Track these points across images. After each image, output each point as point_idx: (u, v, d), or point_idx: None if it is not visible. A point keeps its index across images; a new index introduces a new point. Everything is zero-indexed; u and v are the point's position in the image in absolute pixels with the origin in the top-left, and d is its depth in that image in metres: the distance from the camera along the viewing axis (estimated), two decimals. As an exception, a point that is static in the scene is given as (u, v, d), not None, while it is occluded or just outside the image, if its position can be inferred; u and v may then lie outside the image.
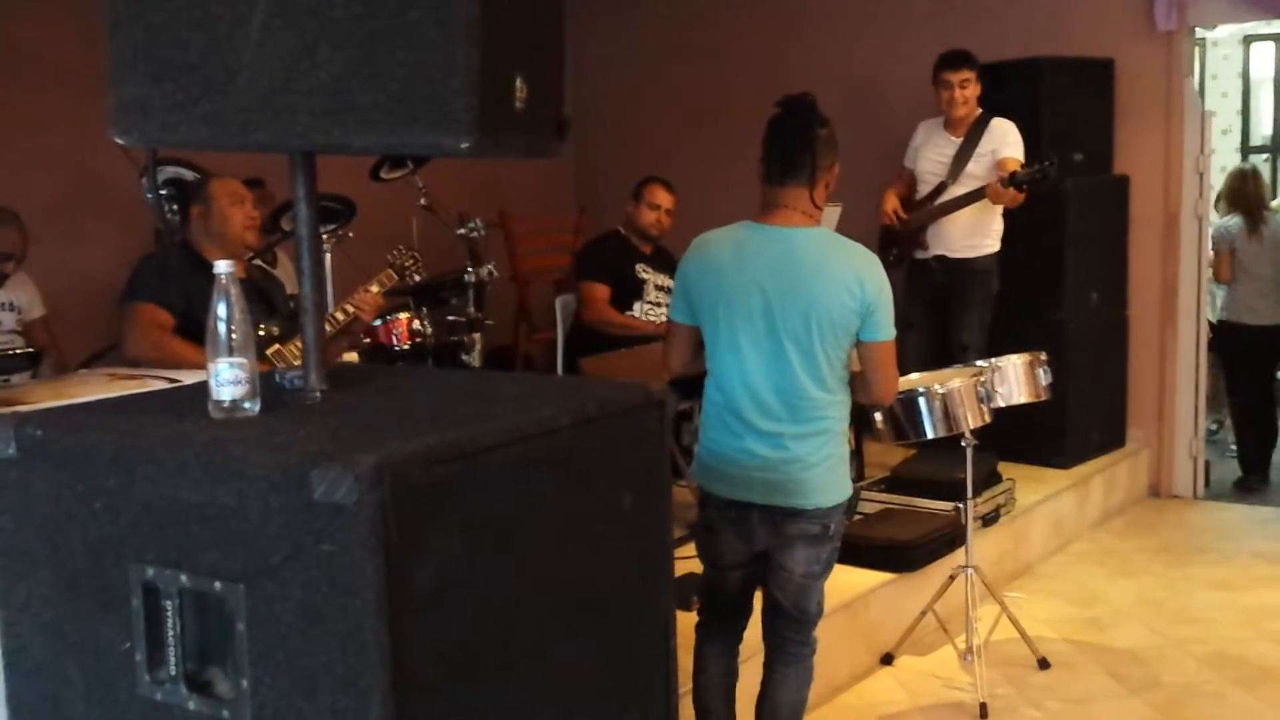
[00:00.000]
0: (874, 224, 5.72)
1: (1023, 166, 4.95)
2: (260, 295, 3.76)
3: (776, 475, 2.87)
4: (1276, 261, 6.23)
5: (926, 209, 5.28)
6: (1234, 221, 6.32)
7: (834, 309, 2.82)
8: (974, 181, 5.18)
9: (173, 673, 1.63)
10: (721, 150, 6.07)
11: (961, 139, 5.24)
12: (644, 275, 5.09)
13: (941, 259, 5.28)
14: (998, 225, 5.26)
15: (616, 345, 4.78)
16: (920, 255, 5.35)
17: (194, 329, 3.34)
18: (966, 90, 5.19)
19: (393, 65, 1.62)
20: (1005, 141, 5.17)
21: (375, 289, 4.13)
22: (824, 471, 2.90)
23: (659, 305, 5.06)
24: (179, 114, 1.71)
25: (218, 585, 1.58)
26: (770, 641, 3.08)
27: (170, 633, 1.63)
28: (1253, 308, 6.24)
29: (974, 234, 5.25)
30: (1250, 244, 6.24)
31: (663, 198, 5.12)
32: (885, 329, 2.89)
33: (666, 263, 5.03)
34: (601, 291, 5.04)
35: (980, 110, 5.26)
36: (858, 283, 2.82)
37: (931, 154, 5.33)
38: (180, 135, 1.74)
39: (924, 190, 5.36)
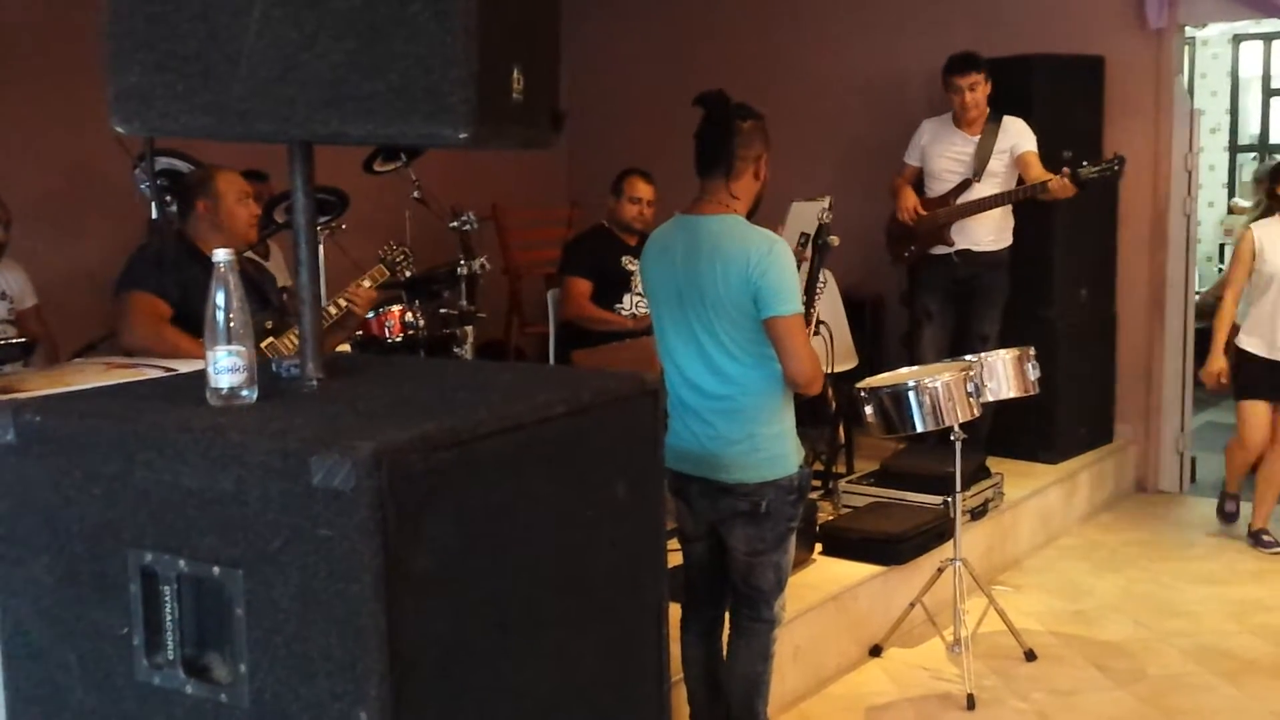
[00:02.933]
0: (869, 219, 5.75)
1: (1083, 165, 5.00)
2: (253, 288, 3.77)
3: (704, 450, 3.02)
4: None
5: (955, 206, 5.32)
6: None
7: (724, 289, 2.92)
8: (996, 178, 5.27)
9: (171, 657, 1.64)
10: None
11: (978, 136, 5.30)
12: (630, 267, 5.07)
13: (965, 253, 5.35)
14: (1013, 220, 5.39)
15: (607, 339, 4.79)
16: (939, 250, 5.39)
17: (190, 321, 3.35)
18: (977, 93, 5.25)
19: (392, 56, 1.63)
20: (1023, 136, 5.25)
21: (367, 284, 4.14)
22: (747, 449, 2.99)
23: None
24: (179, 103, 1.73)
25: (216, 570, 1.59)
26: (731, 617, 3.21)
27: (168, 618, 1.64)
28: None
29: (998, 229, 5.37)
30: None
31: (642, 190, 5.07)
32: (777, 304, 2.90)
33: None
34: (582, 286, 5.02)
35: (989, 108, 5.32)
36: (745, 262, 2.90)
37: (947, 151, 5.37)
38: (180, 124, 1.75)
39: (942, 188, 5.39)
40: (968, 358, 4.11)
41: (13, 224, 4.55)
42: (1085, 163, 5.03)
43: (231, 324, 1.74)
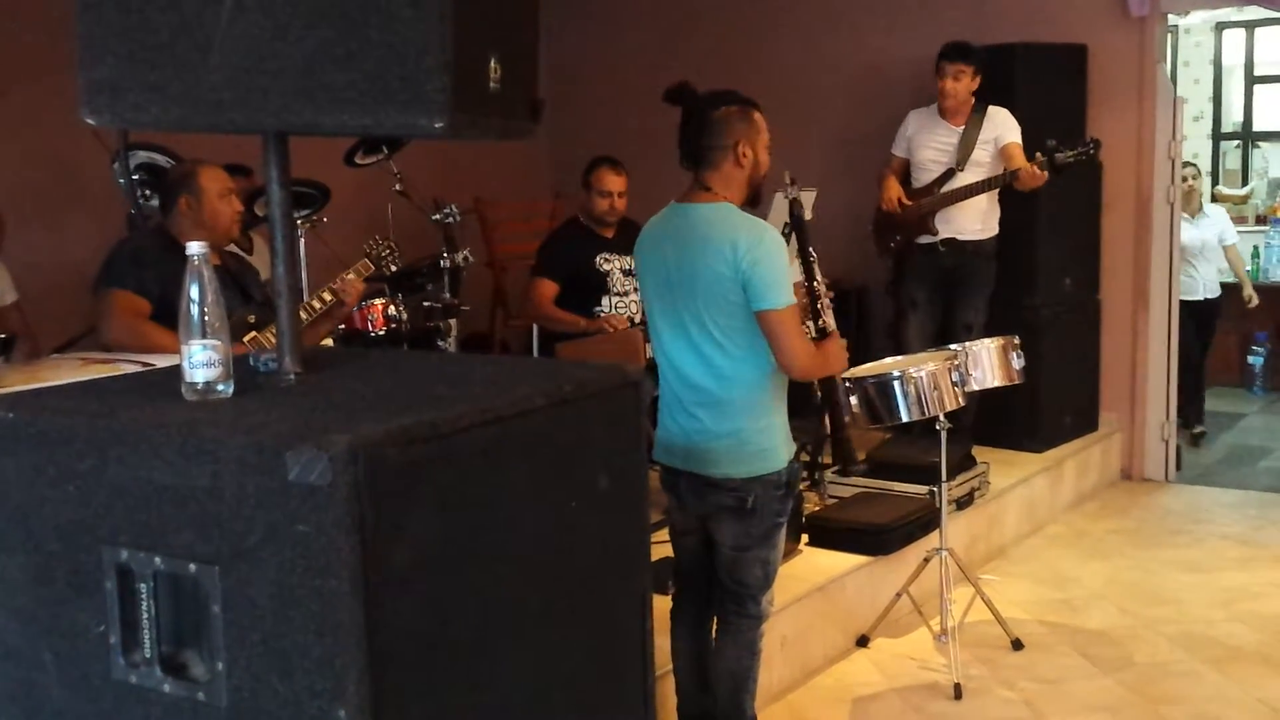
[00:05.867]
0: (854, 209, 5.75)
1: (1060, 150, 5.00)
2: (235, 282, 3.75)
3: (690, 444, 3.00)
4: None
5: (937, 195, 5.34)
6: None
7: (712, 278, 2.89)
8: (980, 168, 5.28)
9: (147, 655, 1.62)
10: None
11: (962, 127, 5.32)
12: (606, 266, 5.01)
13: (950, 242, 5.36)
14: (998, 210, 5.40)
15: (572, 338, 4.76)
16: (925, 240, 5.40)
17: (171, 316, 3.31)
18: (959, 83, 5.26)
19: (366, 45, 1.61)
20: (1006, 127, 5.27)
21: (352, 277, 4.12)
22: (732, 443, 2.96)
23: (628, 294, 4.99)
24: (151, 94, 1.70)
25: (192, 567, 1.57)
26: (717, 612, 3.19)
27: (144, 615, 1.62)
28: None
29: (983, 218, 5.38)
30: None
31: (611, 182, 4.99)
32: (768, 298, 2.87)
33: (633, 241, 5.00)
34: (546, 288, 4.98)
35: (975, 99, 5.33)
36: (732, 251, 2.86)
37: (931, 142, 5.40)
38: (152, 115, 1.72)
39: (927, 178, 5.42)
40: (952, 347, 4.11)
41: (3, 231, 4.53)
42: (1058, 144, 5.02)
43: (206, 318, 1.72)
